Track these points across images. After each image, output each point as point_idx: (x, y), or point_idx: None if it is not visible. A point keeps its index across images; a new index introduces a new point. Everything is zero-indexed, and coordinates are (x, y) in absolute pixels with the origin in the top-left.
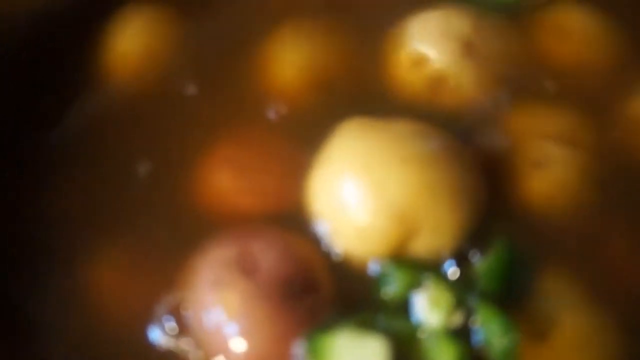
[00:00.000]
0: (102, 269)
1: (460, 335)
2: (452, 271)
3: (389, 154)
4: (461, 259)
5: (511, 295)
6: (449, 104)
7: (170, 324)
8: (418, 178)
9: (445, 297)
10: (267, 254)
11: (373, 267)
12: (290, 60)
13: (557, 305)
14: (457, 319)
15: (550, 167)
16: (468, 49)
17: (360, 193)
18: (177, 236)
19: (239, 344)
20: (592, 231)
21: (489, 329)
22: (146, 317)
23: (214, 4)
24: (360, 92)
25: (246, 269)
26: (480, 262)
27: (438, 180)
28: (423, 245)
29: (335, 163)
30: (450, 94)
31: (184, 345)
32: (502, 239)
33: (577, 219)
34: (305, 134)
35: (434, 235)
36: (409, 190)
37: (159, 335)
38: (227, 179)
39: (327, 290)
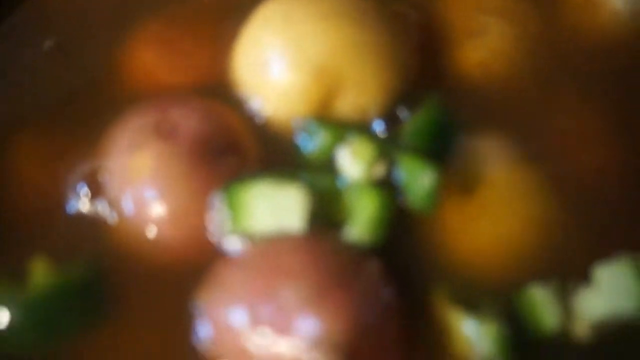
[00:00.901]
0: (22, 145)
1: (384, 186)
2: (379, 129)
3: (310, 10)
4: (391, 120)
5: (438, 152)
6: None
7: (85, 190)
8: (339, 34)
9: (367, 149)
10: (187, 118)
11: (297, 127)
12: None
13: (487, 164)
14: (380, 171)
15: (485, 36)
16: None
17: (280, 50)
18: (101, 108)
19: (154, 203)
20: (527, 96)
21: (410, 176)
22: (64, 187)
23: None
24: None
25: (164, 133)
26: (408, 120)
27: (361, 38)
28: (348, 103)
29: (256, 23)
30: None
31: (100, 208)
32: (432, 100)
33: (512, 85)
34: (233, 11)
35: (359, 93)
36: (330, 46)
37: (76, 202)
38: (154, 54)
39: (250, 151)
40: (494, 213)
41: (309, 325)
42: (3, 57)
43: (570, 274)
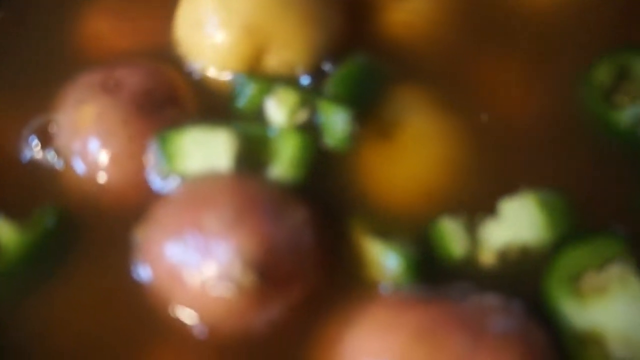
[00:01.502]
0: None
1: (305, 130)
2: (306, 82)
3: None
4: (317, 74)
5: (359, 101)
6: None
7: (36, 142)
8: None
9: (291, 98)
10: (130, 76)
11: (229, 81)
12: None
13: (406, 111)
14: (302, 116)
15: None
16: None
17: (212, 11)
18: (53, 73)
19: (95, 150)
20: (448, 52)
21: (327, 119)
22: (18, 138)
23: None
24: None
25: (108, 88)
26: (332, 73)
27: None
28: (276, 59)
29: None
30: None
31: (50, 157)
32: (355, 55)
33: (434, 43)
34: None
35: (286, 50)
36: (257, 6)
37: (29, 152)
38: (107, 23)
39: (188, 104)
40: (410, 155)
41: (228, 246)
42: None
43: (478, 208)
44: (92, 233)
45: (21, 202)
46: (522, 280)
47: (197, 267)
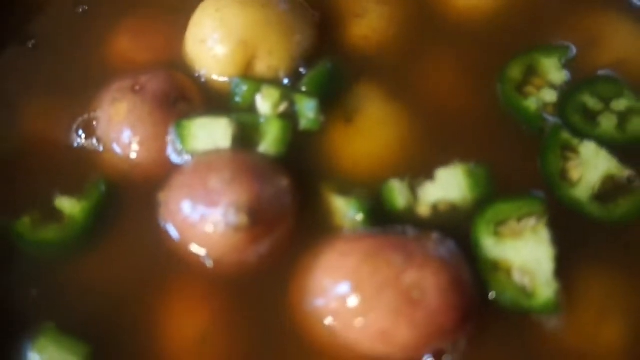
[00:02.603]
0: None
1: (286, 117)
2: (286, 82)
3: (232, 0)
4: (296, 76)
5: (327, 95)
6: None
7: (82, 133)
8: (254, 16)
9: (274, 94)
10: (151, 81)
11: (228, 83)
12: None
13: (364, 101)
14: (283, 107)
15: (366, 17)
16: None
17: (213, 30)
18: (94, 81)
19: (128, 136)
20: (398, 57)
21: (301, 108)
22: (69, 131)
23: None
24: None
25: (135, 90)
26: (306, 75)
27: (271, 18)
28: (263, 66)
29: (198, 13)
30: None
31: (93, 143)
32: (324, 61)
33: (387, 50)
34: (184, 8)
35: (271, 59)
36: (248, 26)
37: (78, 140)
38: (129, 42)
39: (195, 101)
40: (367, 134)
41: (227, 198)
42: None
43: (419, 174)
44: (128, 198)
45: (74, 179)
46: (450, 228)
47: (204, 215)
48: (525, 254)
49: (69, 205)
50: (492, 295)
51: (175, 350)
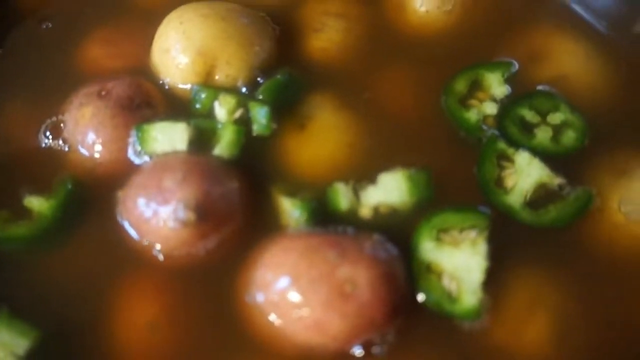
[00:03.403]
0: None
1: (240, 123)
2: (244, 91)
3: (195, 13)
4: (254, 85)
5: (282, 103)
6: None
7: (49, 134)
8: (214, 28)
9: (231, 101)
10: (117, 87)
11: (189, 90)
12: None
13: (317, 109)
14: (238, 113)
15: (325, 31)
16: None
17: (175, 40)
18: (63, 86)
19: (92, 138)
20: (353, 68)
21: (254, 115)
22: (38, 133)
23: None
24: None
25: (101, 95)
26: (263, 84)
27: (230, 31)
28: (222, 75)
29: (163, 25)
30: None
31: (59, 144)
32: (281, 71)
33: (342, 62)
34: (152, 21)
35: (229, 68)
36: (208, 37)
37: (44, 140)
38: (100, 49)
39: (159, 106)
40: (317, 140)
41: (177, 197)
42: None
43: (363, 178)
44: (91, 196)
45: (42, 178)
46: (390, 229)
47: (156, 212)
48: (459, 262)
49: (37, 203)
50: (421, 295)
51: (126, 338)
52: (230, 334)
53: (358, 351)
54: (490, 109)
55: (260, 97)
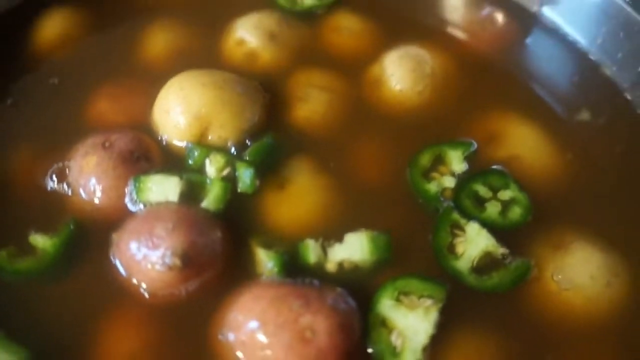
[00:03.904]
0: (23, 156)
1: (228, 180)
2: (233, 151)
3: (194, 81)
4: (243, 146)
5: (266, 164)
6: (258, 70)
7: (55, 178)
8: (210, 95)
9: (220, 160)
10: (120, 139)
11: (184, 147)
12: (159, 44)
13: (296, 172)
14: (226, 171)
15: (309, 101)
16: (272, 36)
17: (176, 103)
18: (70, 135)
19: (93, 184)
20: (332, 136)
21: (240, 174)
22: (44, 176)
23: None
24: (201, 61)
25: (105, 146)
26: (250, 146)
27: (224, 98)
28: (215, 136)
29: (165, 89)
30: (259, 64)
31: (63, 188)
32: (266, 136)
33: (324, 130)
34: (154, 83)
35: (222, 131)
36: (204, 102)
37: (50, 183)
38: (106, 104)
39: (156, 160)
40: (294, 200)
41: (166, 244)
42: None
43: (332, 236)
44: (89, 235)
45: (46, 217)
46: (352, 284)
47: (146, 256)
48: (410, 323)
49: (41, 241)
50: (371, 348)
51: None
52: None
53: None
54: (449, 182)
55: (247, 158)
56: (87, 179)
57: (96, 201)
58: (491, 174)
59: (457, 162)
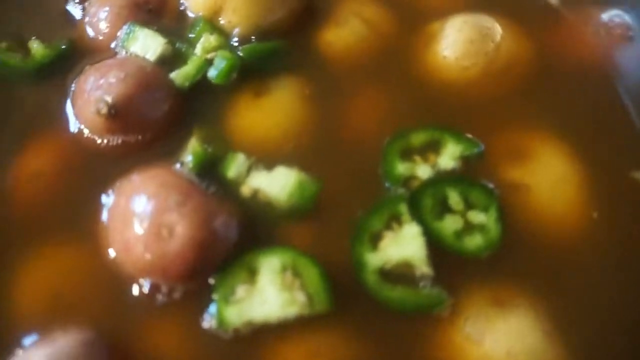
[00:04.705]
0: None
1: (209, 64)
2: (235, 40)
3: None
4: (244, 42)
5: (255, 68)
6: None
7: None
8: None
9: (212, 41)
10: None
11: (193, 19)
12: None
13: (278, 87)
14: (212, 55)
15: (343, 28)
16: None
17: None
18: None
19: (100, 17)
20: (342, 74)
21: (217, 61)
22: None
23: None
24: None
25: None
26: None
27: None
28: (226, 20)
29: None
30: None
31: (79, 10)
32: (273, 42)
33: (338, 63)
34: None
35: (233, 15)
36: None
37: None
38: None
39: (165, 21)
40: (261, 111)
41: (106, 90)
42: None
43: (272, 163)
44: (74, 62)
45: (50, 31)
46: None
47: (89, 95)
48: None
49: (37, 48)
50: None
51: (14, 187)
52: None
53: (139, 288)
54: (423, 172)
55: (240, 53)
56: (99, 7)
57: (92, 33)
58: (476, 188)
59: (449, 157)
